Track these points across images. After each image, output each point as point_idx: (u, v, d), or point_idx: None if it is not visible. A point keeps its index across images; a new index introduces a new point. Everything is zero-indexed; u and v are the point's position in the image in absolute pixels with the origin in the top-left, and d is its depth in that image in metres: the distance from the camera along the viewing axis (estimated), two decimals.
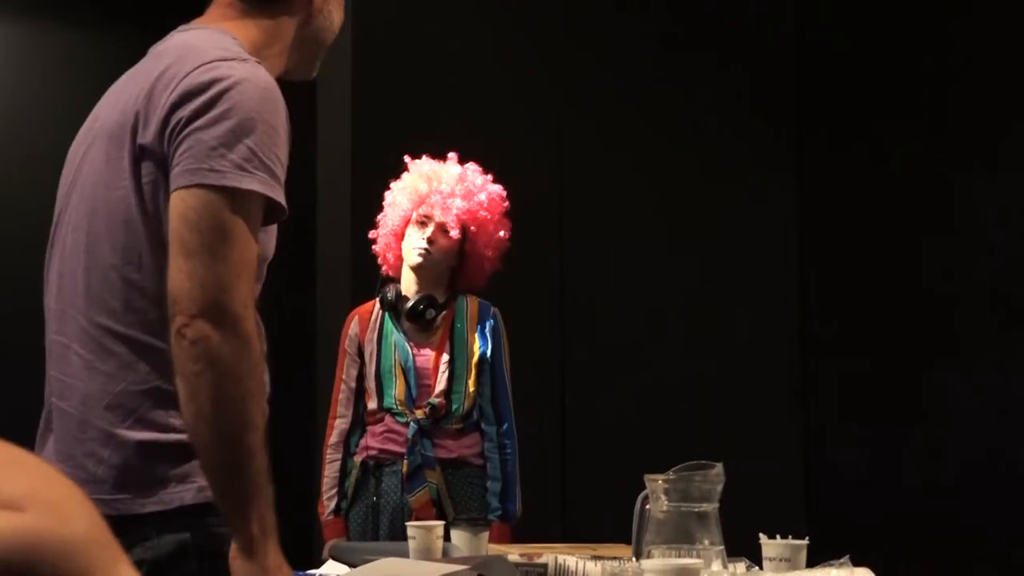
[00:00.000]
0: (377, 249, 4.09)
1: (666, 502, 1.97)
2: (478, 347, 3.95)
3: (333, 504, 3.92)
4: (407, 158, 4.02)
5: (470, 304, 4.00)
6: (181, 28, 2.11)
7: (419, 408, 3.88)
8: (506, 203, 4.00)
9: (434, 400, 3.88)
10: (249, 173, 1.87)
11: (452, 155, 4.04)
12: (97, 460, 1.93)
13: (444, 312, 3.98)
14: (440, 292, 4.00)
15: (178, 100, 1.90)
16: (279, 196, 1.92)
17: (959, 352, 4.96)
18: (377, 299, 4.02)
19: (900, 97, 5.23)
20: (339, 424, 3.97)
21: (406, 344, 3.96)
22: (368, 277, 4.18)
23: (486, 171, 4.02)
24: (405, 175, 4.02)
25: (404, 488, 3.84)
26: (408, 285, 4.00)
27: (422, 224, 3.95)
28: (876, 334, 5.33)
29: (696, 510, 1.96)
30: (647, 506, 2.04)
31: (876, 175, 5.34)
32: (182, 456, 1.90)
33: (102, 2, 5.78)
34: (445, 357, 3.93)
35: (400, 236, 4.02)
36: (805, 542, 2.33)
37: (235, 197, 1.86)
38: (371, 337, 3.99)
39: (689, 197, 5.45)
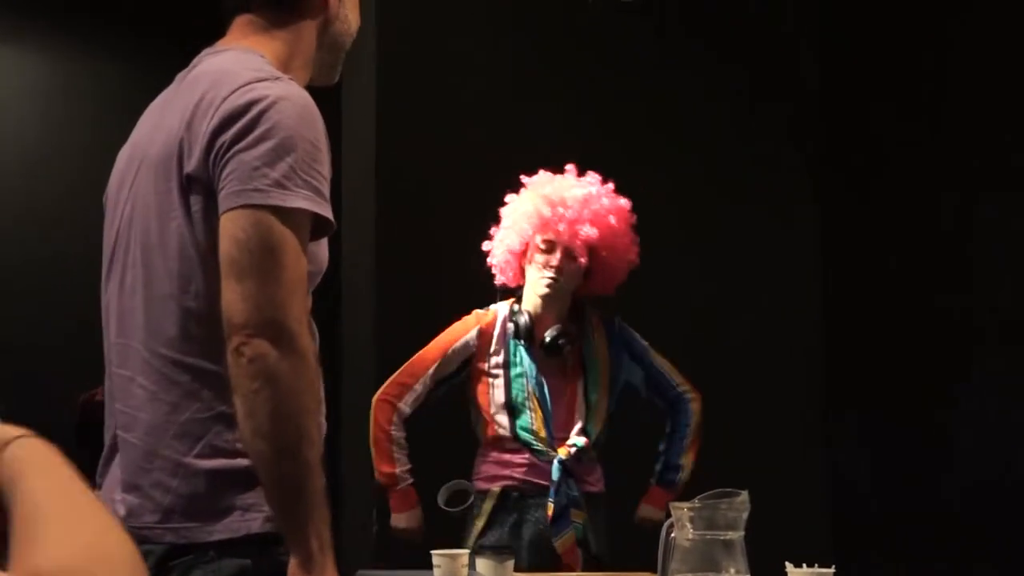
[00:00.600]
0: (494, 263, 3.93)
1: (692, 530, 1.95)
2: (610, 370, 3.83)
3: (405, 472, 3.76)
4: (524, 177, 3.88)
5: (595, 325, 3.87)
6: (208, 52, 2.12)
7: (561, 446, 3.74)
8: (633, 217, 3.87)
9: (579, 441, 3.73)
10: (292, 191, 1.88)
11: (570, 168, 3.89)
12: (165, 490, 1.94)
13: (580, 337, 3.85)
14: (566, 314, 3.85)
15: (219, 125, 1.92)
16: (325, 211, 1.94)
17: (987, 376, 4.92)
18: (500, 317, 3.86)
19: (924, 121, 5.21)
20: (408, 397, 3.78)
21: (539, 375, 3.80)
22: (392, 312, 4.17)
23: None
24: (524, 193, 3.87)
25: (551, 530, 3.71)
26: (534, 308, 3.84)
27: (547, 250, 3.80)
28: (901, 362, 5.30)
29: (722, 538, 1.95)
30: (672, 534, 2.02)
31: (900, 195, 5.32)
32: (250, 483, 1.90)
33: (129, 30, 5.81)
34: (580, 388, 3.80)
35: (520, 256, 3.88)
36: (831, 571, 2.31)
37: (281, 215, 1.88)
38: (496, 360, 3.83)
39: (713, 217, 5.44)
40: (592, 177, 3.86)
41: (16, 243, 5.78)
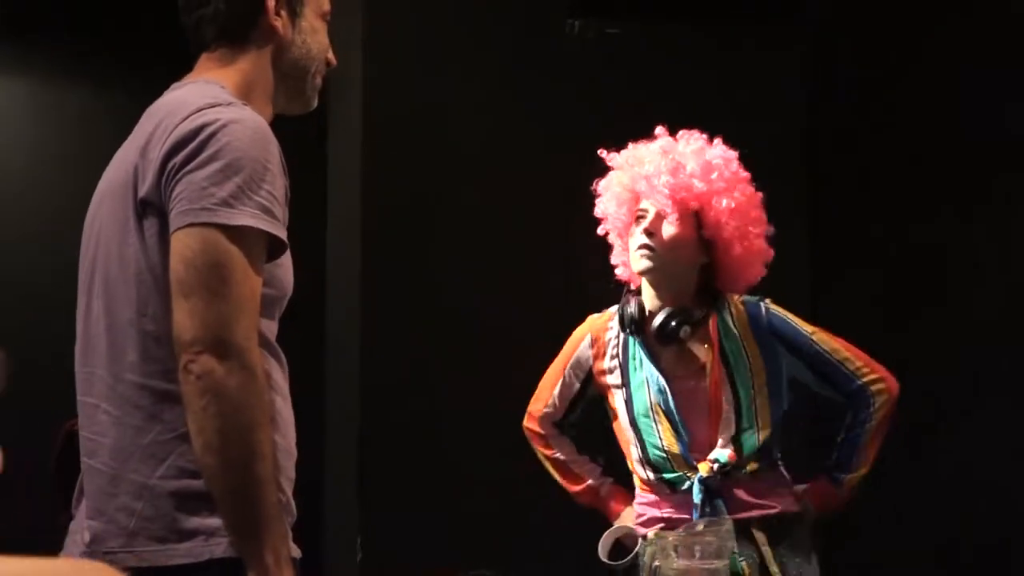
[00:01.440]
0: (616, 267, 3.35)
1: (676, 559, 1.94)
2: (763, 362, 3.10)
3: (598, 475, 3.27)
4: (603, 152, 3.33)
5: (735, 308, 3.14)
6: (174, 86, 2.17)
7: (700, 462, 3.05)
8: (739, 167, 3.20)
9: (722, 455, 3.03)
10: (239, 209, 1.91)
11: (660, 129, 3.30)
12: (130, 513, 1.94)
13: (702, 326, 3.11)
14: (690, 300, 3.12)
15: (171, 149, 1.97)
16: (274, 229, 1.97)
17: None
18: (616, 317, 3.22)
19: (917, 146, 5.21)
20: (547, 420, 3.31)
21: (660, 378, 3.11)
22: (379, 336, 4.12)
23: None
24: (610, 175, 3.28)
25: None
26: (649, 300, 3.16)
27: (639, 220, 3.15)
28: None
29: (707, 567, 1.93)
30: (656, 563, 2.01)
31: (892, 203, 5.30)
32: (213, 507, 1.90)
33: (118, 60, 5.81)
34: (724, 387, 3.07)
35: (626, 243, 3.24)
36: None
37: (228, 233, 1.90)
38: (614, 369, 3.20)
39: None
40: (688, 133, 3.26)
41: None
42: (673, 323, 3.07)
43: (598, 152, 3.37)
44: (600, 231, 3.29)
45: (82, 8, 5.59)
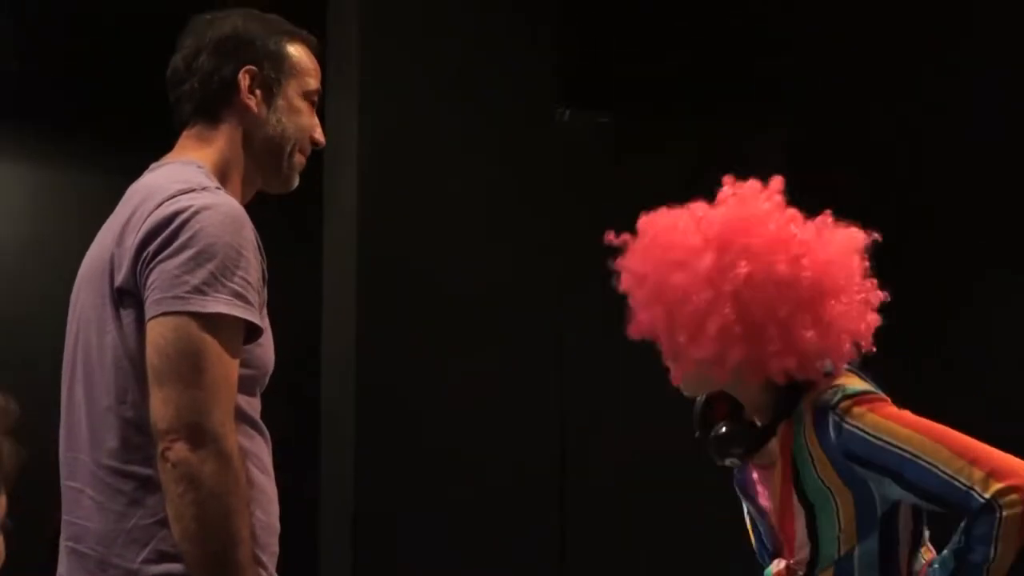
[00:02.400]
0: None
1: None
2: (847, 488, 2.30)
3: None
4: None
5: (807, 417, 2.32)
6: (153, 166, 2.19)
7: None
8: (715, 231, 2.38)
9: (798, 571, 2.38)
10: (212, 296, 1.93)
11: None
12: None
13: (766, 441, 2.38)
14: (762, 405, 2.40)
15: (145, 237, 1.98)
16: (248, 315, 1.98)
17: None
18: None
19: None
20: None
21: (749, 493, 2.49)
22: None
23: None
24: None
25: None
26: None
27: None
28: None
29: None
30: None
31: None
32: None
33: (115, 147, 5.85)
34: (799, 518, 2.36)
35: None
36: None
37: (201, 320, 1.92)
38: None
39: None
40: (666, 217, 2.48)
41: None
42: (720, 442, 2.41)
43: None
44: None
45: (82, 91, 5.66)
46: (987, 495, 2.17)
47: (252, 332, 2.00)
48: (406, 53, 4.85)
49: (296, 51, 2.23)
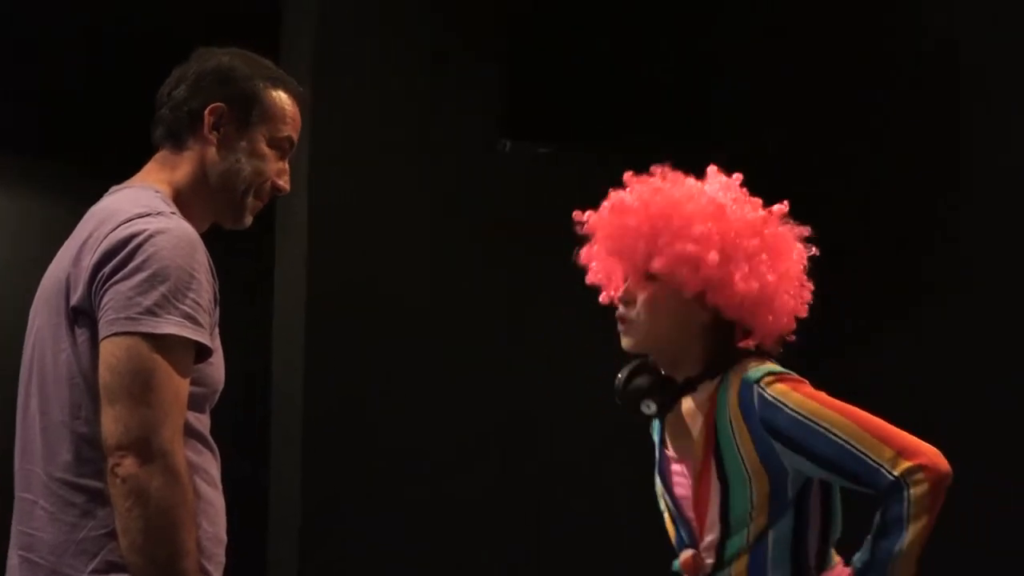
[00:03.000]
0: None
1: None
2: (760, 460, 2.34)
3: None
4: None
5: (732, 385, 2.40)
6: (114, 188, 2.24)
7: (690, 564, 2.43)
8: (720, 197, 2.53)
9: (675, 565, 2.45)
10: (164, 318, 1.99)
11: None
12: None
13: (687, 399, 2.48)
14: (695, 366, 2.46)
15: (100, 259, 2.04)
16: (198, 336, 2.04)
17: None
18: None
19: None
20: None
21: (662, 461, 2.54)
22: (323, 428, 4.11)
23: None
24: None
25: None
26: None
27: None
28: None
29: None
30: None
31: None
32: None
33: (88, 173, 5.85)
34: (714, 485, 2.38)
35: None
36: None
37: (153, 341, 1.98)
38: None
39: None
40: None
41: None
42: (633, 392, 2.47)
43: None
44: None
45: (48, 117, 5.67)
46: (895, 472, 2.26)
47: (202, 352, 2.06)
48: (354, 85, 4.90)
49: (276, 98, 2.26)
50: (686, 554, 2.43)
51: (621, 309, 2.50)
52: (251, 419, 4.96)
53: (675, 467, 2.50)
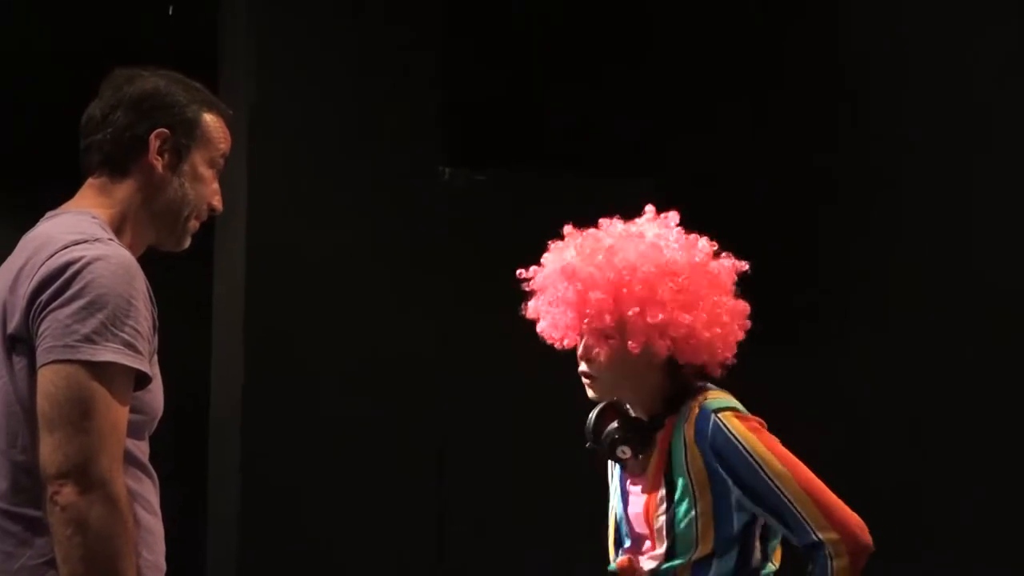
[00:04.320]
0: None
1: None
2: (709, 483, 2.49)
3: None
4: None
5: (690, 412, 2.53)
6: (49, 214, 2.20)
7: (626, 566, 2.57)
8: (672, 250, 2.60)
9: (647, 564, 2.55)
10: (102, 345, 1.96)
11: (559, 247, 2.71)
12: None
13: (654, 434, 2.58)
14: (656, 404, 2.60)
15: (37, 287, 2.00)
16: (137, 364, 2.00)
17: None
18: None
19: None
20: None
21: (622, 486, 2.65)
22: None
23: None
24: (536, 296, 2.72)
25: None
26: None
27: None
28: None
29: None
30: None
31: None
32: None
33: (24, 201, 5.80)
34: (662, 506, 2.53)
35: None
36: None
37: (91, 368, 1.95)
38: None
39: None
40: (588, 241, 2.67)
41: None
42: (613, 440, 2.57)
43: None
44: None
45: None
46: (823, 538, 2.42)
47: (141, 380, 2.03)
48: (293, 113, 4.91)
49: (211, 121, 2.24)
50: (623, 557, 2.57)
51: (583, 366, 2.61)
52: (189, 445, 4.92)
53: (631, 487, 2.61)
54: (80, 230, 2.08)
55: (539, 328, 2.72)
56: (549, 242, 2.71)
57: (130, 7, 5.49)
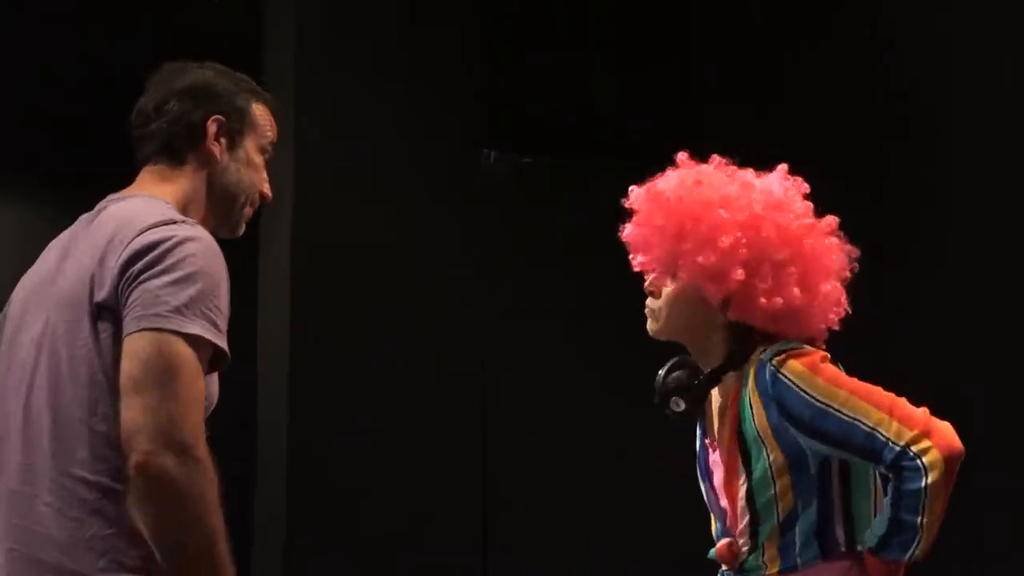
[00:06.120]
0: None
1: None
2: (776, 439, 2.35)
3: None
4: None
5: (751, 367, 2.40)
6: (114, 197, 2.21)
7: (725, 553, 2.44)
8: (703, 185, 2.49)
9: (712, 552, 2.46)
10: (191, 319, 1.98)
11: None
12: None
13: (714, 391, 2.49)
14: (720, 357, 2.47)
15: (129, 258, 2.02)
16: (220, 342, 2.03)
17: None
18: None
19: None
20: None
21: (703, 452, 2.53)
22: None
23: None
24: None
25: None
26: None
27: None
28: None
29: None
30: None
31: None
32: None
33: (63, 185, 5.86)
34: (740, 470, 2.40)
35: None
36: None
37: (180, 339, 1.97)
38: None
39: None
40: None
41: None
42: (670, 395, 2.48)
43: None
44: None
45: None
46: (909, 449, 2.24)
47: (217, 360, 2.05)
48: (338, 100, 4.90)
49: (258, 109, 2.30)
50: (721, 543, 2.42)
51: (649, 298, 2.51)
52: (234, 440, 4.93)
53: (712, 457, 2.48)
54: (162, 212, 2.11)
55: (630, 247, 2.58)
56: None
57: None
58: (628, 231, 2.54)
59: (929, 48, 4.76)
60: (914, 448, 2.24)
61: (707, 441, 2.51)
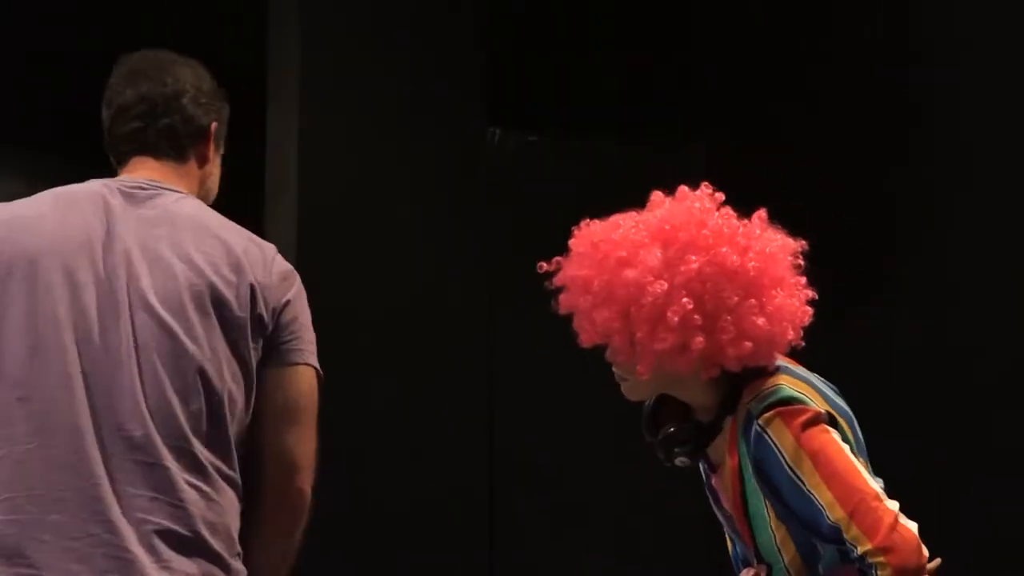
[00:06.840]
0: None
1: None
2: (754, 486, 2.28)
3: None
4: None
5: (741, 424, 2.29)
6: (153, 184, 2.18)
7: None
8: (646, 232, 2.33)
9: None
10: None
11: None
12: None
13: (711, 439, 2.35)
14: (710, 408, 2.34)
15: (278, 282, 2.15)
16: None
17: None
18: None
19: None
20: None
21: (709, 477, 2.45)
22: None
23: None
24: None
25: None
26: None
27: None
28: None
29: None
30: None
31: None
32: None
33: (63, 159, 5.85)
34: (744, 516, 2.33)
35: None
36: None
37: (317, 376, 2.19)
38: None
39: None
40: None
41: None
42: (667, 446, 2.36)
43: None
44: None
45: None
46: (859, 553, 2.15)
47: None
48: (343, 79, 4.90)
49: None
50: (748, 572, 2.34)
51: (615, 369, 2.36)
52: None
53: (716, 483, 2.38)
54: (245, 230, 2.21)
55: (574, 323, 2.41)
56: (586, 214, 2.46)
57: None
58: (566, 311, 2.39)
59: (931, 48, 4.72)
60: (869, 560, 2.15)
61: (710, 472, 2.40)
